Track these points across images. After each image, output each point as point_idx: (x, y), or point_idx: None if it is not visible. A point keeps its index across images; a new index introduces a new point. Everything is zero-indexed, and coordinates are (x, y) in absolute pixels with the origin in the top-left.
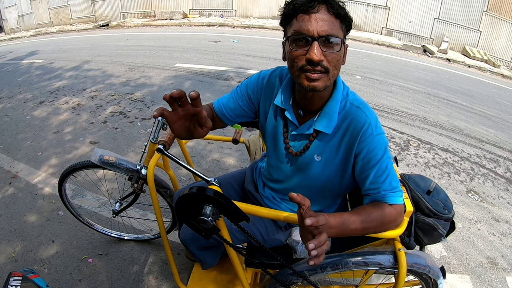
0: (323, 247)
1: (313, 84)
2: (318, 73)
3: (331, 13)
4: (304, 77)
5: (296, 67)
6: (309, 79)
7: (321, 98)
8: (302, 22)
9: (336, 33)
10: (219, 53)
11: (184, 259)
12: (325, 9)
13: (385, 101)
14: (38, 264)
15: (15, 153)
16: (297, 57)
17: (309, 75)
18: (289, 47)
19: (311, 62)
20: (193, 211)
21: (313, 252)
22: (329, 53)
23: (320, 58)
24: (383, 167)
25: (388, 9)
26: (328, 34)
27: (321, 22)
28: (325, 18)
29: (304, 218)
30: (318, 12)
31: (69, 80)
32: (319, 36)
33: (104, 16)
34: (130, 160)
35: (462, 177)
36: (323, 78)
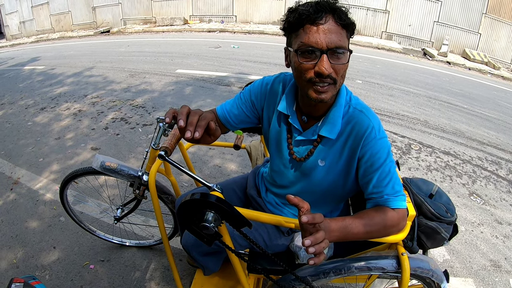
0: (321, 245)
1: (321, 96)
2: (327, 85)
3: (339, 23)
4: (313, 90)
5: (304, 79)
6: (317, 92)
7: (325, 104)
8: (310, 34)
9: (344, 44)
10: (219, 59)
11: (186, 265)
12: (333, 20)
13: (386, 105)
14: (39, 270)
15: (17, 159)
16: (305, 70)
17: (318, 88)
18: (297, 59)
19: (320, 75)
20: (195, 217)
21: (310, 249)
22: (337, 65)
23: (329, 71)
24: (386, 171)
25: (387, 13)
26: (336, 46)
27: (330, 34)
28: (333, 29)
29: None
30: (326, 23)
31: (70, 86)
32: (328, 48)
33: (105, 22)
34: (132, 166)
35: (464, 180)
36: (331, 89)
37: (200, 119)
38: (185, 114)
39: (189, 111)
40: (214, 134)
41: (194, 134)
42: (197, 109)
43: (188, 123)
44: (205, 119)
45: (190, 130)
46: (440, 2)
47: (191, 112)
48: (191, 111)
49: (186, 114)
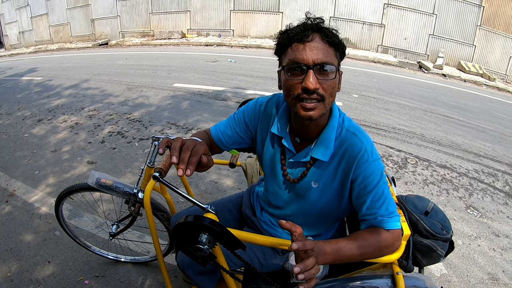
0: (310, 271)
1: (309, 113)
2: (314, 102)
3: (325, 41)
4: (300, 106)
5: (292, 96)
6: (305, 109)
7: (317, 125)
8: (297, 51)
9: (330, 61)
10: (216, 73)
11: (181, 282)
12: (319, 38)
13: (382, 119)
14: (33, 285)
15: (13, 171)
16: (293, 86)
17: (305, 104)
18: (284, 76)
19: (307, 91)
20: (189, 239)
21: (299, 276)
22: (324, 81)
23: (315, 86)
24: (380, 193)
25: (383, 27)
26: (323, 62)
27: (316, 51)
28: (319, 46)
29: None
30: (313, 41)
31: (67, 98)
32: (314, 64)
33: (103, 34)
34: (127, 183)
35: (460, 193)
36: (319, 107)
37: (192, 155)
38: (178, 150)
39: (182, 145)
40: (206, 165)
41: (185, 172)
42: (190, 141)
43: (180, 160)
44: (197, 155)
45: (182, 168)
46: (435, 15)
47: (183, 148)
48: (183, 145)
49: (178, 149)
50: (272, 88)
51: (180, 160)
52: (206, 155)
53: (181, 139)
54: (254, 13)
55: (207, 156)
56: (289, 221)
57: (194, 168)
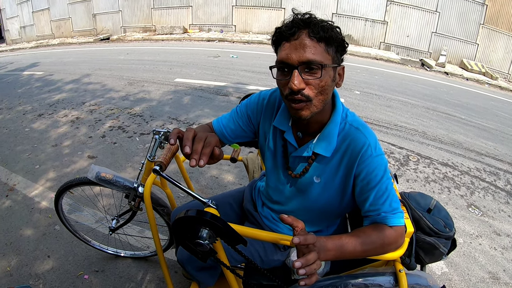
0: (312, 266)
1: (298, 113)
2: (300, 103)
3: (313, 37)
4: (291, 106)
5: (284, 96)
6: (294, 109)
7: (318, 121)
8: (284, 50)
9: (318, 59)
10: (218, 68)
11: (181, 277)
12: (306, 35)
13: (384, 116)
14: (33, 279)
15: (13, 165)
16: (282, 86)
17: (293, 105)
18: (275, 75)
19: (293, 92)
20: (190, 234)
21: (301, 271)
22: (311, 80)
23: (299, 87)
24: (383, 189)
25: (386, 24)
26: (308, 60)
27: (301, 49)
28: (306, 44)
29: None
30: (299, 39)
31: (68, 93)
32: (299, 63)
33: (105, 29)
34: (127, 178)
35: (462, 191)
36: (307, 107)
37: (205, 146)
38: (191, 140)
39: (194, 136)
40: (217, 158)
41: (199, 162)
42: (202, 133)
43: (193, 150)
44: (210, 146)
45: (195, 158)
46: (438, 13)
47: (196, 139)
48: (196, 136)
49: (191, 140)
50: (273, 84)
51: (193, 150)
52: (217, 147)
53: (193, 130)
54: (256, 9)
55: (218, 148)
56: (291, 215)
57: (207, 160)
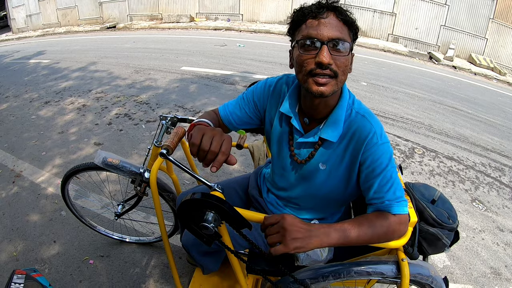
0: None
1: (321, 88)
2: (327, 77)
3: (340, 19)
4: (313, 82)
5: (304, 72)
6: (317, 83)
7: (327, 106)
8: (311, 27)
9: (345, 38)
10: (225, 57)
11: (185, 263)
12: (334, 15)
13: (391, 108)
14: (39, 264)
15: (20, 152)
16: (305, 61)
17: (317, 79)
18: (298, 51)
19: (321, 65)
20: (195, 217)
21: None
22: (338, 57)
23: (329, 61)
24: (388, 177)
25: (394, 16)
26: (337, 38)
27: (330, 27)
28: (333, 23)
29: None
30: (328, 18)
31: (75, 80)
32: (329, 40)
33: (111, 18)
34: (133, 163)
35: (466, 185)
36: (331, 83)
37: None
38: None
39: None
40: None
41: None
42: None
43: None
44: (225, 155)
45: (216, 166)
46: (447, 6)
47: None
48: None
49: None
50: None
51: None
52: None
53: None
54: None
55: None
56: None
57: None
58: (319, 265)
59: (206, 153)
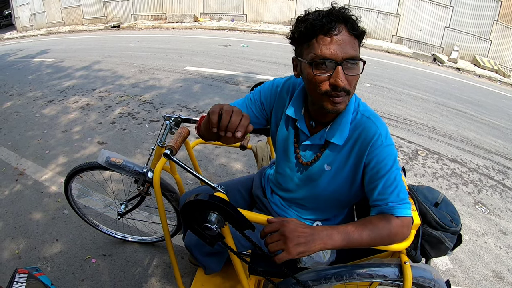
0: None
1: (337, 107)
2: (342, 97)
3: (352, 34)
4: (329, 102)
5: (319, 92)
6: (333, 103)
7: None
8: (324, 45)
9: (358, 55)
10: (228, 57)
11: (187, 263)
12: (346, 30)
13: (394, 109)
14: (41, 262)
15: (23, 150)
16: (320, 82)
17: (335, 99)
18: (311, 71)
19: (336, 88)
20: (198, 218)
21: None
22: (351, 76)
23: (345, 83)
24: (392, 178)
25: (398, 17)
26: (351, 57)
27: (344, 45)
28: (346, 40)
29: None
30: (340, 34)
31: (79, 79)
32: (343, 60)
33: (115, 17)
34: (137, 163)
35: (470, 188)
36: (345, 100)
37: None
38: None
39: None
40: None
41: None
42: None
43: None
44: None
45: (240, 130)
46: (452, 8)
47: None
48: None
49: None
50: (284, 74)
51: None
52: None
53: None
54: None
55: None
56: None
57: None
58: (321, 267)
59: (229, 119)
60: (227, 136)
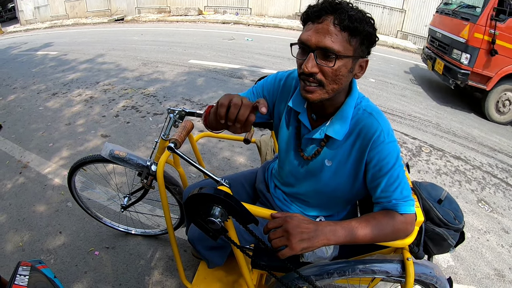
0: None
1: (307, 95)
2: (313, 86)
3: (337, 25)
4: (302, 87)
5: (298, 74)
6: (303, 90)
7: (332, 104)
8: (307, 31)
9: (335, 47)
10: (233, 51)
11: (190, 256)
12: (331, 21)
13: (398, 105)
14: (45, 254)
15: (27, 143)
16: (299, 65)
17: (305, 87)
18: (294, 53)
19: (303, 73)
20: (202, 211)
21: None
22: (324, 67)
23: (311, 70)
24: (395, 176)
25: (404, 12)
26: (324, 47)
27: (322, 34)
28: (328, 30)
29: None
30: (323, 23)
31: (82, 72)
32: (316, 48)
33: (119, 10)
34: (140, 156)
35: (473, 186)
36: (318, 91)
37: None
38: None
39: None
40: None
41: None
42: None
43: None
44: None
45: (263, 109)
46: None
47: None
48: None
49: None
50: (288, 68)
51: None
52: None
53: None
54: None
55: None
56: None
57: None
58: (324, 262)
59: (239, 108)
60: (236, 126)
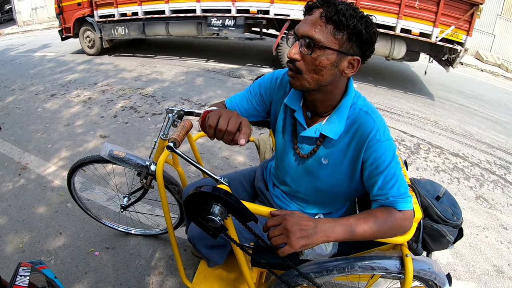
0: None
1: (290, 82)
2: (292, 72)
3: (322, 17)
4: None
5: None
6: (288, 75)
7: (326, 102)
8: (300, 22)
9: (317, 37)
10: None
11: (190, 256)
12: (319, 13)
13: (396, 103)
14: (45, 255)
15: (26, 144)
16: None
17: (288, 72)
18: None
19: (288, 59)
20: (202, 210)
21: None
22: (305, 55)
23: (292, 56)
24: (391, 173)
25: None
26: (306, 35)
27: (308, 24)
28: (314, 21)
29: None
30: (312, 15)
31: (81, 73)
32: (301, 36)
33: None
34: (140, 156)
35: (471, 183)
36: (297, 78)
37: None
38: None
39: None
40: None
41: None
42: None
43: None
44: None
45: (243, 137)
46: None
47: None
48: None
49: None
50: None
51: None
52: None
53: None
54: None
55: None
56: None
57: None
58: (323, 259)
59: (223, 134)
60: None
